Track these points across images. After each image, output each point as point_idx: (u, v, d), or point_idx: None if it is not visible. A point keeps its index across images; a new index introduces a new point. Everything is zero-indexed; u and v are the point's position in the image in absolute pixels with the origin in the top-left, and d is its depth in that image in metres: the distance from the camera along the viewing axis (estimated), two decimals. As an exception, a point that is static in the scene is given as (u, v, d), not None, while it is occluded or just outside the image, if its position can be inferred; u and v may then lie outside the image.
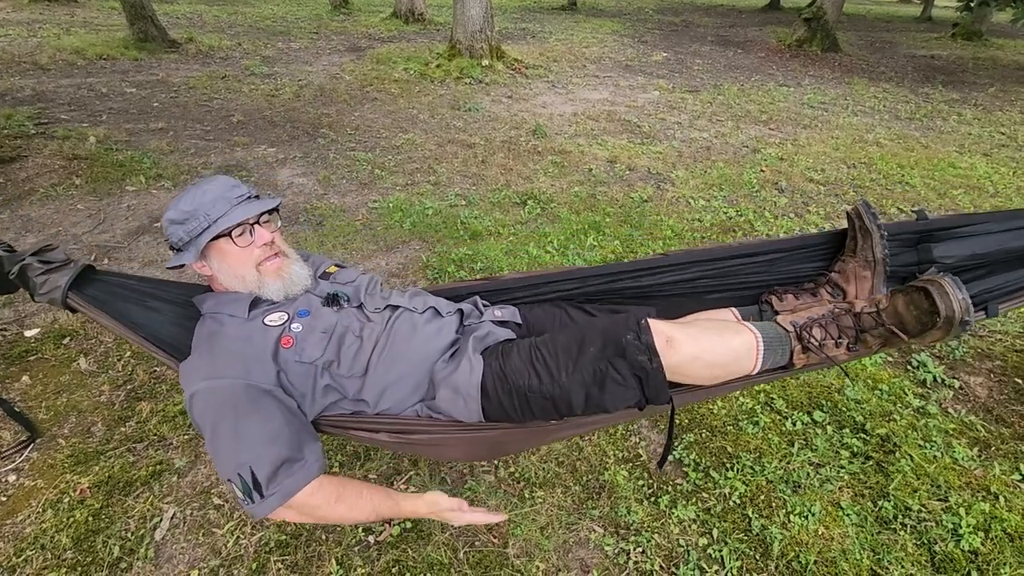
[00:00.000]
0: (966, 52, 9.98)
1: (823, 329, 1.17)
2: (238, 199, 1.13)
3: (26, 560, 1.47)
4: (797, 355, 1.17)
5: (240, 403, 1.00)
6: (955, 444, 1.85)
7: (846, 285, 1.31)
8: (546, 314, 1.36)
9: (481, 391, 1.10)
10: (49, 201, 3.25)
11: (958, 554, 1.52)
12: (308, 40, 8.27)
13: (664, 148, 4.54)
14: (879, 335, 1.14)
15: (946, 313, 1.02)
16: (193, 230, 1.10)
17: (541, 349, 1.11)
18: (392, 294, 1.33)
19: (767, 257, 1.38)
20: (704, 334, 1.12)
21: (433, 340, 1.20)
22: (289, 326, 1.13)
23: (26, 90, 5.11)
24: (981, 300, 1.25)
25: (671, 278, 1.40)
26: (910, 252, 1.32)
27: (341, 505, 1.05)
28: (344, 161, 4.03)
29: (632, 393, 1.06)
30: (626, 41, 9.45)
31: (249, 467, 0.97)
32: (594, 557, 1.54)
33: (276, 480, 0.98)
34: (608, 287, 1.42)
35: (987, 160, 4.52)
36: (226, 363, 1.04)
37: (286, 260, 1.19)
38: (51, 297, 1.07)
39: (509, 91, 6.07)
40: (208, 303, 1.18)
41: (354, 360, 1.14)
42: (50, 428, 1.86)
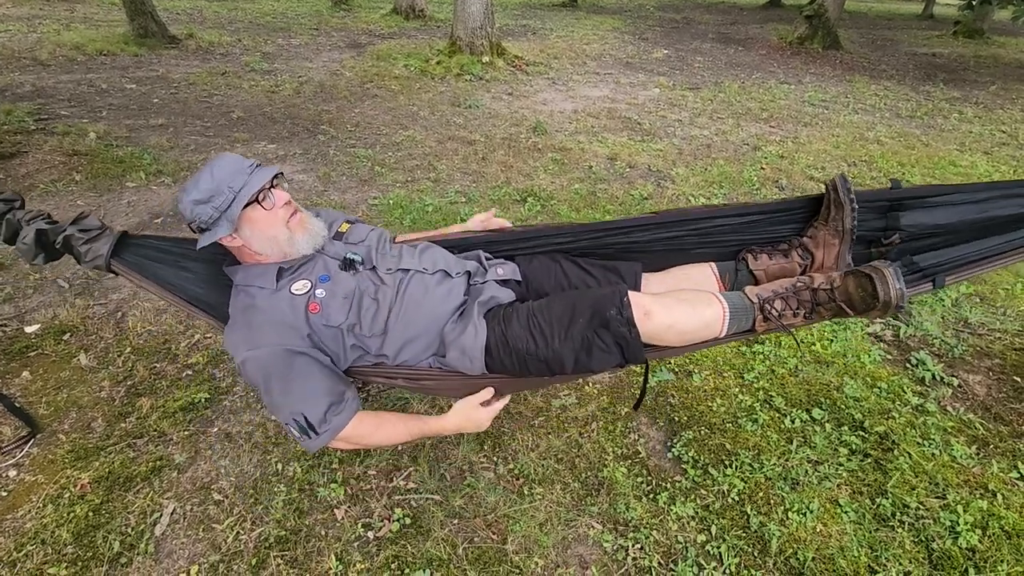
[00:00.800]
0: (967, 50, 9.96)
1: (784, 301, 1.32)
2: (250, 168, 1.21)
3: (26, 555, 1.48)
4: (759, 323, 1.33)
5: (283, 365, 1.16)
6: (953, 442, 1.85)
7: (815, 250, 1.43)
8: (543, 268, 1.47)
9: (485, 351, 1.25)
10: (49, 197, 3.25)
11: (956, 551, 1.53)
12: (308, 36, 8.25)
13: (664, 145, 4.54)
14: (830, 308, 1.30)
15: (884, 299, 1.18)
16: (222, 204, 1.18)
17: (538, 316, 1.26)
18: (403, 252, 1.40)
19: (747, 219, 1.48)
20: (678, 306, 1.28)
21: (443, 302, 1.33)
22: (314, 292, 1.25)
23: (26, 86, 5.10)
24: (932, 272, 1.34)
25: (659, 235, 1.51)
26: (879, 219, 1.42)
27: (381, 432, 1.27)
28: (344, 158, 4.03)
29: (614, 357, 1.22)
30: (627, 38, 9.42)
31: (302, 414, 1.16)
32: (593, 553, 1.54)
33: (326, 421, 1.18)
34: (601, 241, 1.51)
35: (988, 158, 4.52)
36: (264, 334, 1.18)
37: (305, 214, 1.30)
38: (96, 264, 1.21)
39: (509, 88, 6.06)
40: (239, 275, 1.28)
41: (373, 321, 1.27)
42: (50, 424, 1.86)
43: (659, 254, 1.54)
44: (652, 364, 2.13)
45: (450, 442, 1.85)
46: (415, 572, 1.46)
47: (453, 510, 1.64)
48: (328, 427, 1.19)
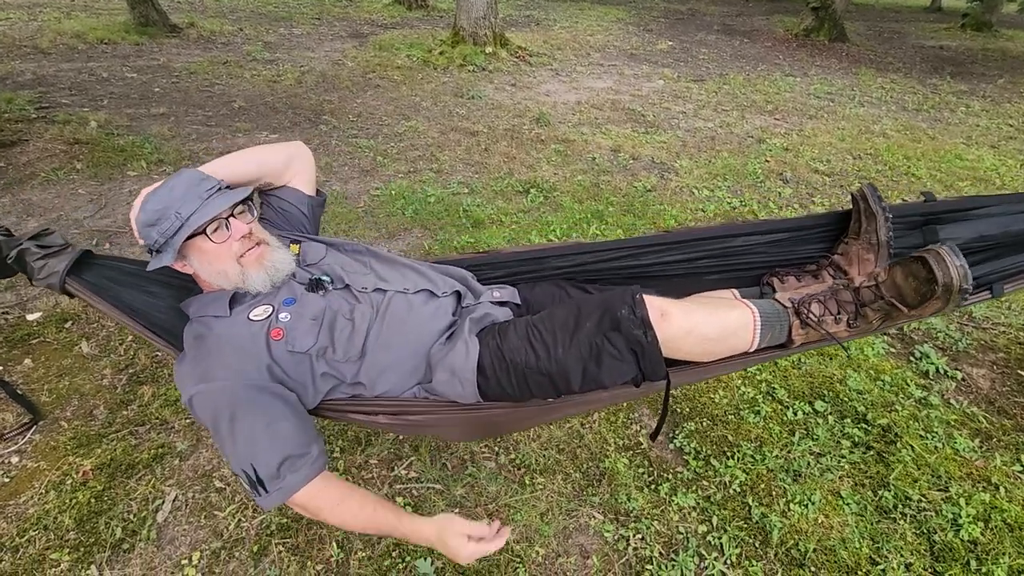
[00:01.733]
0: (975, 43, 9.87)
1: (822, 305, 1.16)
2: (208, 192, 1.06)
3: (29, 540, 1.48)
4: (796, 331, 1.16)
5: (236, 403, 0.99)
6: (956, 435, 1.85)
7: (849, 267, 1.28)
8: (545, 295, 1.35)
9: (478, 371, 1.09)
10: (50, 186, 3.24)
11: (957, 544, 1.52)
12: (310, 26, 8.20)
13: (668, 137, 4.51)
14: (879, 308, 1.14)
15: (943, 280, 1.01)
16: (167, 230, 1.04)
17: (538, 326, 1.11)
18: (374, 268, 1.28)
19: (769, 237, 1.36)
20: (699, 308, 1.13)
21: (429, 322, 1.19)
22: (276, 317, 1.10)
23: (27, 74, 5.08)
24: (986, 280, 1.23)
25: (672, 257, 1.39)
26: (915, 234, 1.30)
27: (344, 507, 1.02)
28: (346, 148, 4.01)
29: (628, 367, 1.06)
30: (631, 29, 9.35)
31: (251, 465, 0.97)
32: (594, 543, 1.54)
33: (279, 477, 0.98)
34: (608, 265, 1.41)
35: (994, 152, 4.48)
36: (217, 365, 1.03)
37: (267, 248, 1.15)
38: (49, 282, 1.07)
39: (513, 79, 6.02)
40: (192, 307, 1.15)
41: (349, 343, 1.12)
42: (52, 411, 1.86)
43: (672, 280, 1.41)
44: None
45: (451, 432, 1.85)
46: (416, 560, 1.46)
47: (454, 499, 1.64)
48: (282, 484, 0.97)
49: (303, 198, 1.34)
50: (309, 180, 1.35)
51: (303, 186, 1.33)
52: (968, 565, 1.48)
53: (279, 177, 1.30)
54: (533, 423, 1.61)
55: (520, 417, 1.22)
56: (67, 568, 1.43)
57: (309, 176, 1.35)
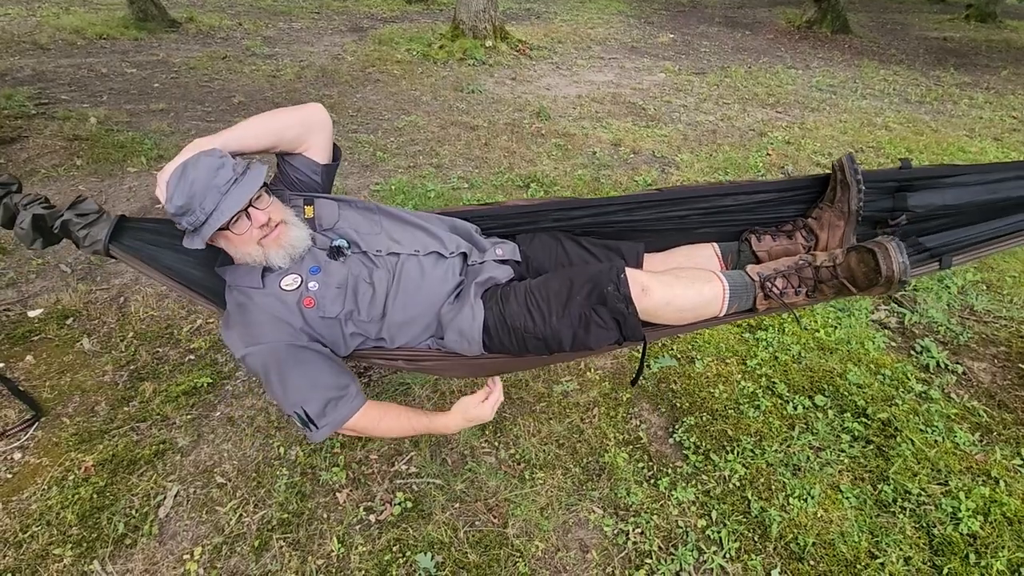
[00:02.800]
0: (979, 34, 9.78)
1: (785, 279, 1.31)
2: (226, 185, 1.12)
3: (32, 536, 1.49)
4: (760, 301, 1.31)
5: (281, 360, 1.17)
6: (957, 429, 1.85)
7: (820, 232, 1.41)
8: (544, 247, 1.45)
9: (483, 331, 1.25)
10: (51, 182, 3.24)
11: (957, 537, 1.53)
12: (310, 20, 8.17)
13: (669, 131, 4.49)
14: (833, 286, 1.28)
15: (886, 273, 1.15)
16: (194, 222, 1.14)
17: (535, 294, 1.25)
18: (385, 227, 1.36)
19: (752, 198, 1.47)
20: (677, 283, 1.27)
21: (440, 284, 1.32)
22: (306, 287, 1.23)
23: (26, 70, 5.07)
24: (939, 252, 1.31)
25: (662, 213, 1.49)
26: (887, 199, 1.39)
27: (383, 424, 1.28)
28: (346, 143, 4.00)
29: (612, 334, 1.22)
30: (632, 22, 9.29)
31: (302, 407, 1.17)
32: (593, 537, 1.55)
33: (325, 415, 1.19)
34: (603, 219, 1.50)
35: (998, 144, 4.45)
36: (260, 331, 1.19)
37: (284, 228, 1.22)
38: (94, 249, 1.20)
39: (513, 72, 5.99)
40: (229, 275, 1.28)
41: (371, 306, 1.27)
42: (54, 407, 1.87)
43: (661, 233, 1.53)
44: (652, 345, 2.12)
45: (452, 427, 1.85)
46: (416, 555, 1.47)
47: (454, 494, 1.65)
48: (327, 421, 1.19)
49: (316, 167, 1.38)
50: (326, 146, 1.39)
51: (318, 154, 1.38)
52: (967, 559, 1.48)
53: (295, 147, 1.35)
54: (528, 368, 1.87)
55: (517, 365, 1.43)
56: (70, 563, 1.44)
57: (325, 142, 1.39)
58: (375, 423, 1.26)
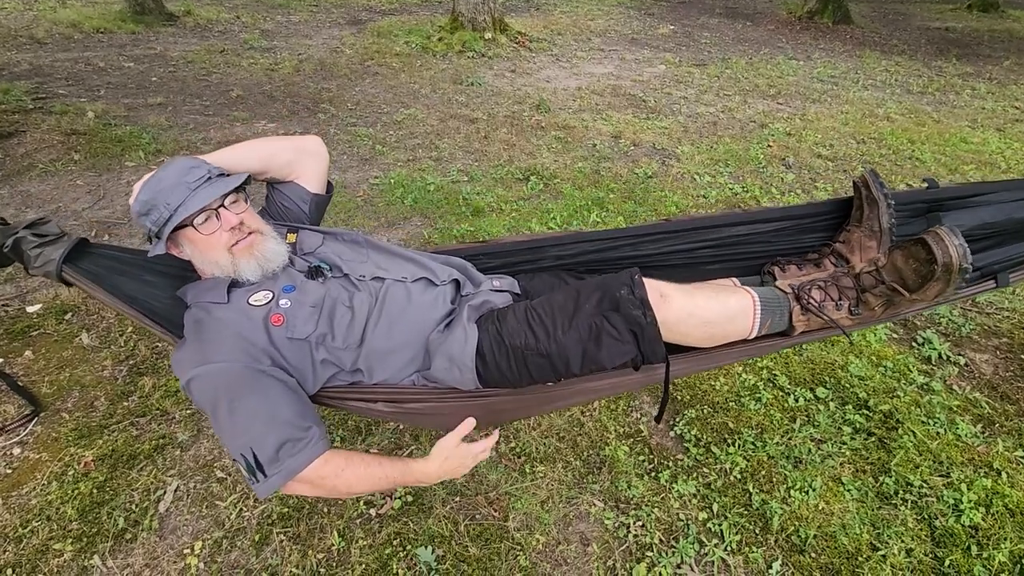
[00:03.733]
0: (982, 24, 9.70)
1: (822, 291, 1.16)
2: (197, 182, 1.06)
3: (32, 531, 1.49)
4: (796, 317, 1.15)
5: (235, 385, 0.99)
6: (959, 421, 1.84)
7: (851, 255, 1.26)
8: (544, 286, 1.34)
9: (477, 355, 1.09)
10: (48, 177, 3.23)
11: (958, 529, 1.52)
12: (308, 13, 8.11)
13: (670, 123, 4.46)
14: (880, 294, 1.13)
15: (943, 260, 1.00)
16: (157, 220, 1.06)
17: (537, 309, 1.11)
18: (371, 256, 1.27)
19: (770, 226, 1.35)
20: (698, 291, 1.13)
21: (428, 311, 1.18)
22: (277, 303, 1.10)
23: (23, 64, 5.04)
24: (991, 270, 1.22)
25: (672, 247, 1.38)
26: (918, 221, 1.28)
27: (348, 474, 1.03)
28: (345, 136, 3.98)
29: (628, 348, 1.05)
30: (632, 14, 9.22)
31: (250, 448, 0.97)
32: (594, 530, 1.55)
33: (278, 460, 0.97)
34: (608, 255, 1.40)
35: (1000, 135, 4.42)
36: (216, 348, 1.02)
37: (259, 237, 1.14)
38: (45, 270, 1.06)
39: (512, 65, 5.95)
40: (190, 293, 1.15)
41: (348, 331, 1.12)
42: (53, 402, 1.87)
43: (672, 270, 1.39)
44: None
45: (452, 421, 1.85)
46: (417, 549, 1.47)
47: (455, 488, 1.64)
48: (280, 468, 0.97)
49: (306, 196, 1.31)
50: (318, 177, 1.33)
51: (310, 183, 1.31)
52: (969, 551, 1.48)
53: (285, 175, 1.29)
54: (533, 412, 1.60)
55: (519, 405, 1.22)
56: (70, 558, 1.44)
57: (319, 173, 1.33)
58: (337, 473, 1.02)
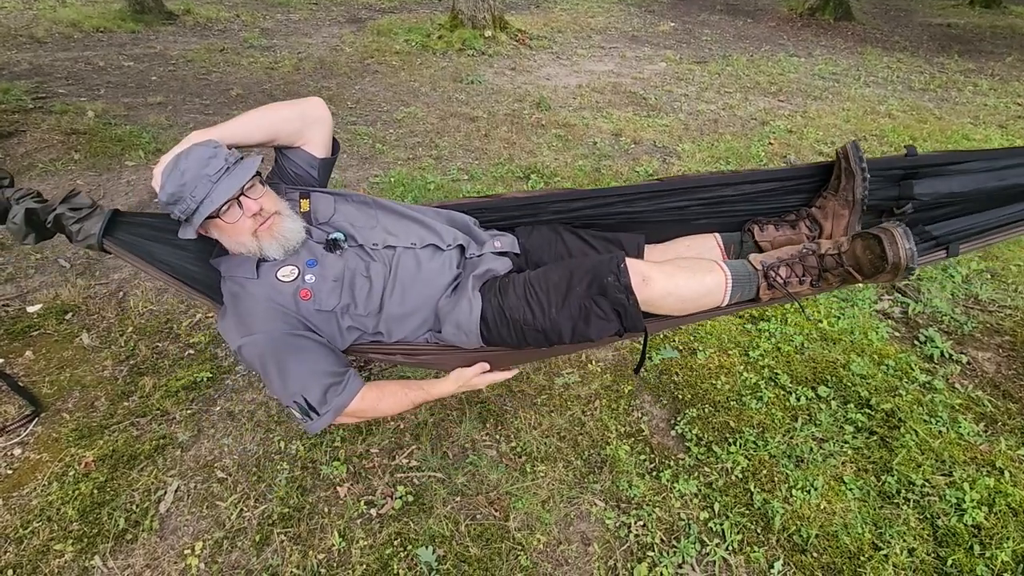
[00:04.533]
0: (984, 20, 9.66)
1: (789, 268, 1.28)
2: (217, 174, 1.13)
3: (33, 531, 1.49)
4: (763, 291, 1.29)
5: (278, 349, 1.16)
6: (961, 419, 1.83)
7: (824, 221, 1.38)
8: (543, 239, 1.43)
9: (482, 322, 1.23)
10: (49, 176, 3.23)
11: (961, 528, 1.52)
12: (307, 11, 8.09)
13: (670, 121, 4.45)
14: (839, 274, 1.25)
15: (893, 260, 1.13)
16: (185, 210, 1.14)
17: (534, 285, 1.24)
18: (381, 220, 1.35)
19: (754, 187, 1.44)
20: (678, 272, 1.25)
21: (437, 277, 1.31)
22: (303, 279, 1.23)
23: (23, 64, 5.04)
24: (946, 240, 1.29)
25: (663, 204, 1.47)
26: (892, 187, 1.37)
27: (383, 403, 1.27)
28: (345, 135, 3.97)
29: (612, 325, 1.21)
30: (632, 11, 9.19)
31: (302, 395, 1.16)
32: (595, 530, 1.54)
33: (326, 401, 1.18)
34: (602, 211, 1.48)
35: (1002, 132, 4.41)
36: (255, 321, 1.17)
37: (278, 218, 1.22)
38: (88, 243, 1.17)
39: (512, 63, 5.94)
40: (223, 266, 1.27)
41: (368, 299, 1.26)
42: (54, 403, 1.87)
43: (662, 224, 1.50)
44: (654, 336, 2.09)
45: (452, 420, 1.85)
46: (417, 548, 1.47)
47: (455, 487, 1.64)
48: (329, 407, 1.18)
49: (313, 161, 1.37)
50: (324, 140, 1.38)
51: (316, 148, 1.37)
52: (972, 550, 1.47)
53: (293, 141, 1.34)
54: (528, 360, 1.81)
55: (517, 358, 1.40)
56: (71, 559, 1.44)
57: (324, 136, 1.38)
58: (375, 404, 1.26)
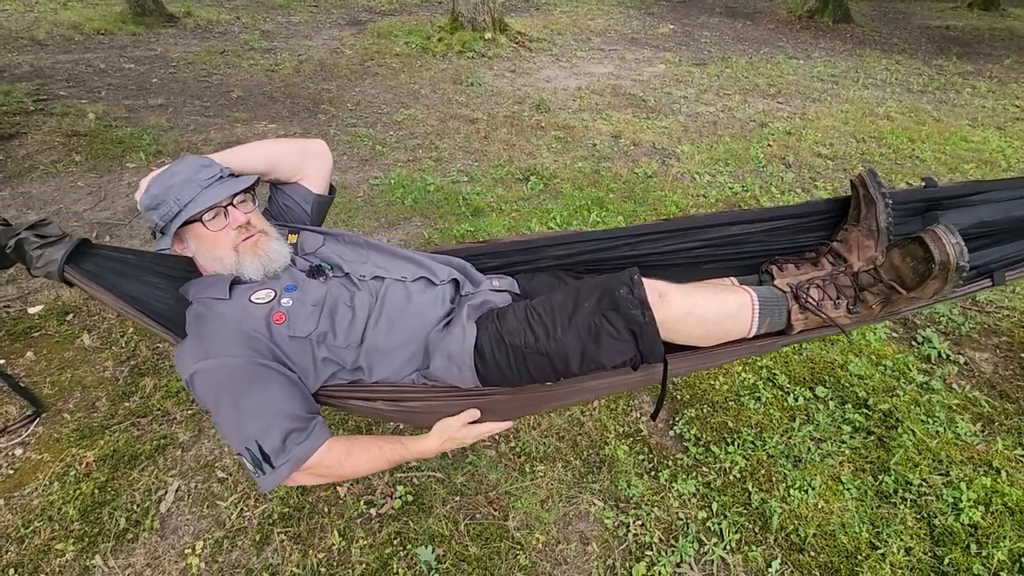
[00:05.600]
0: (982, 23, 9.69)
1: (820, 289, 1.16)
2: (208, 181, 1.09)
3: (34, 531, 1.50)
4: (795, 315, 1.16)
5: (238, 378, 1.00)
6: (958, 419, 1.84)
7: (848, 255, 1.26)
8: (544, 286, 1.34)
9: (477, 354, 1.09)
10: (49, 178, 3.24)
11: (958, 527, 1.52)
12: (308, 14, 8.12)
13: (669, 123, 4.46)
14: (878, 292, 1.13)
15: (940, 258, 1.00)
16: (166, 215, 1.09)
17: (537, 308, 1.11)
18: (371, 257, 1.28)
19: (768, 225, 1.35)
20: (697, 290, 1.14)
21: (428, 310, 1.20)
22: (279, 302, 1.12)
23: (24, 66, 5.06)
24: (987, 269, 1.23)
25: (670, 246, 1.38)
26: (915, 220, 1.29)
27: (352, 459, 1.07)
28: (345, 137, 3.98)
29: (627, 347, 1.06)
30: (632, 13, 9.22)
31: (255, 441, 0.98)
32: (594, 530, 1.55)
33: (285, 450, 0.99)
34: (606, 254, 1.40)
35: (1000, 134, 4.42)
36: (218, 343, 1.03)
37: (264, 237, 1.16)
38: (48, 271, 1.05)
39: (512, 65, 5.96)
40: (192, 290, 1.16)
41: (349, 330, 1.13)
42: (55, 403, 1.88)
43: (670, 270, 1.39)
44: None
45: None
46: (417, 548, 1.48)
47: (455, 487, 1.65)
48: (287, 458, 0.99)
49: (309, 196, 1.34)
50: (322, 178, 1.36)
51: (313, 184, 1.34)
52: (968, 549, 1.48)
53: (289, 176, 1.32)
54: (532, 411, 1.62)
55: (519, 404, 1.22)
56: (72, 558, 1.45)
57: (322, 175, 1.36)
58: (341, 460, 1.05)
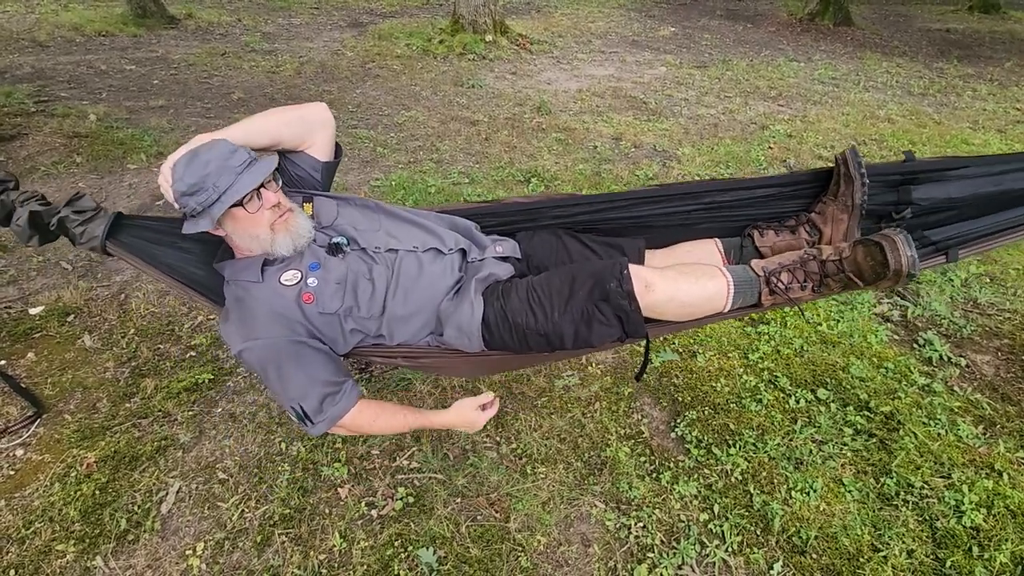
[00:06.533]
0: (983, 25, 9.70)
1: (791, 274, 1.30)
2: (241, 166, 1.16)
3: (35, 532, 1.50)
4: (765, 297, 1.31)
5: (279, 355, 1.17)
6: (960, 422, 1.84)
7: (823, 226, 1.40)
8: (544, 244, 1.45)
9: (484, 326, 1.24)
10: (51, 179, 3.24)
11: (960, 530, 1.52)
12: (309, 15, 8.13)
13: (670, 125, 4.47)
14: (840, 280, 1.27)
15: (895, 267, 1.14)
16: (205, 200, 1.15)
17: (537, 290, 1.24)
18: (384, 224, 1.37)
19: (754, 192, 1.46)
20: (680, 278, 1.26)
21: (439, 280, 1.32)
22: (305, 282, 1.24)
23: (25, 67, 5.06)
24: (945, 245, 1.30)
25: (663, 209, 1.48)
26: (890, 193, 1.38)
27: (379, 422, 1.29)
28: (346, 139, 3.98)
29: (614, 331, 1.22)
30: (633, 15, 9.23)
31: (298, 403, 1.18)
32: (595, 531, 1.55)
33: (322, 411, 1.19)
34: (603, 215, 1.49)
35: (1001, 137, 4.42)
36: (257, 326, 1.19)
37: (292, 214, 1.24)
38: (91, 246, 1.19)
39: (513, 67, 5.96)
40: (228, 270, 1.28)
41: (371, 302, 1.27)
42: (56, 404, 1.87)
43: (663, 230, 1.52)
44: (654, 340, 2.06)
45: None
46: (418, 550, 1.47)
47: (456, 489, 1.65)
48: (324, 416, 1.20)
49: (317, 164, 1.39)
50: (327, 144, 1.40)
51: (320, 152, 1.39)
52: (970, 552, 1.48)
53: (296, 145, 1.36)
54: (529, 365, 1.88)
55: (518, 362, 1.44)
56: (72, 559, 1.45)
57: (327, 140, 1.39)
58: (370, 420, 1.27)
